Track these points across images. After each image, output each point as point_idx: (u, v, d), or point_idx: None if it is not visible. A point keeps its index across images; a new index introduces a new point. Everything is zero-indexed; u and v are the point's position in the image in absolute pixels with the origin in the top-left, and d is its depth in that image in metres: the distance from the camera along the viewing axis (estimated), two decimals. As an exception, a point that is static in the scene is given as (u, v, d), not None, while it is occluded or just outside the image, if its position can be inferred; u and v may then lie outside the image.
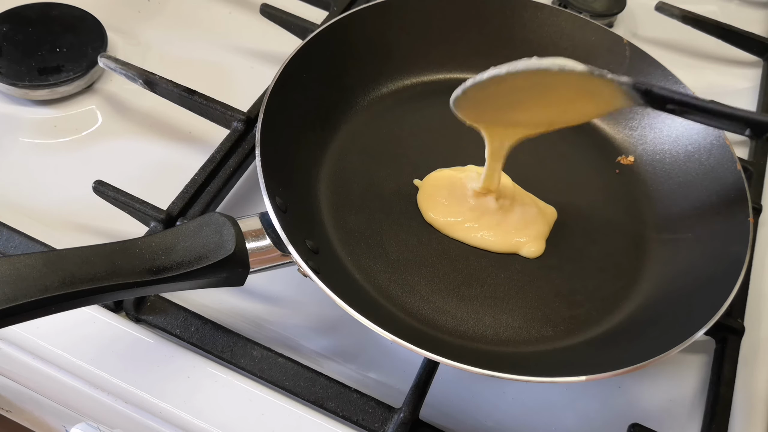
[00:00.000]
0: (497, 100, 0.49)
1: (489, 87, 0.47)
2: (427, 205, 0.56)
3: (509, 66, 0.46)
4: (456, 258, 0.54)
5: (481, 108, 0.49)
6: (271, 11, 0.69)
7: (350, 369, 0.52)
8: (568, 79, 0.45)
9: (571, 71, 0.45)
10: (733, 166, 0.55)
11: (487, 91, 0.47)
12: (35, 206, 0.57)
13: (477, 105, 0.49)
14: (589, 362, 0.47)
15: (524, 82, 0.47)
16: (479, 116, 0.50)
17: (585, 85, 0.46)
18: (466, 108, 0.49)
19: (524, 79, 0.46)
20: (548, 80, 0.46)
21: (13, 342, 0.50)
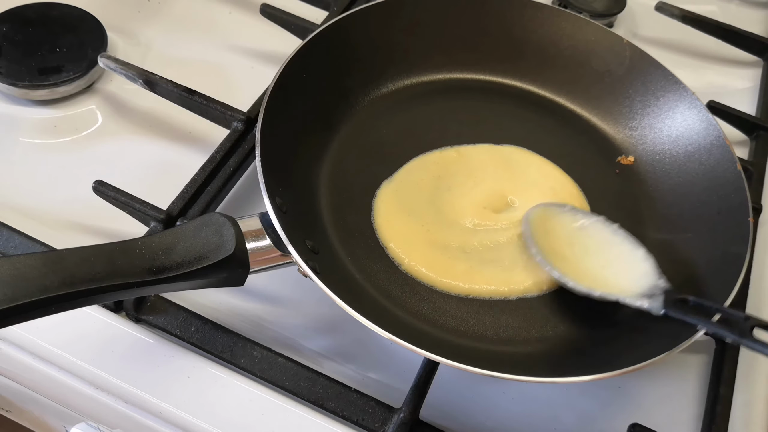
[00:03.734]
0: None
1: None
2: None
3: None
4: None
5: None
6: (271, 11, 0.69)
7: (350, 369, 0.52)
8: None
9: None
10: (733, 166, 0.55)
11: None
12: (35, 206, 0.57)
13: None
14: (589, 362, 0.47)
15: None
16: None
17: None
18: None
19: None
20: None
21: (13, 342, 0.50)
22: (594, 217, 0.53)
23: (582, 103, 0.64)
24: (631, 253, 0.50)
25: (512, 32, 0.65)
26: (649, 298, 0.47)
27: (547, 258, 0.51)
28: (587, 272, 0.50)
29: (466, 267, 0.52)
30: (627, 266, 0.49)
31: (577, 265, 0.50)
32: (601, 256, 0.51)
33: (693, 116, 0.59)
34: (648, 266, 0.49)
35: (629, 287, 0.48)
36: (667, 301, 0.46)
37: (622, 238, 0.51)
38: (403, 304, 0.51)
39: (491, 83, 0.65)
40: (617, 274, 0.49)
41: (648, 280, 0.48)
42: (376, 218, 0.54)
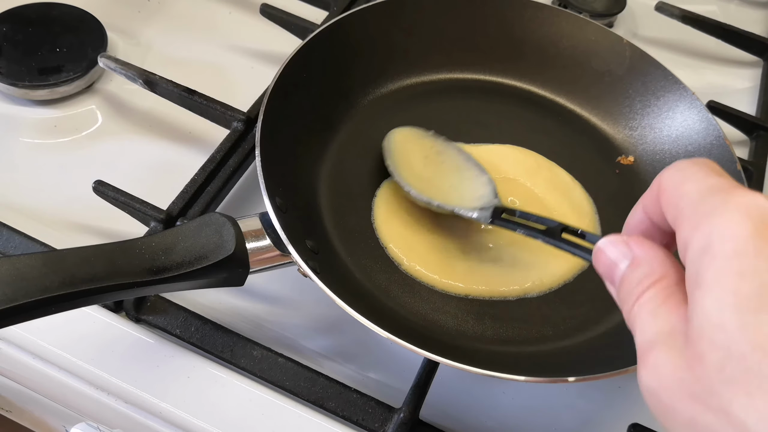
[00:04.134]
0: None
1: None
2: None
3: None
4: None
5: None
6: (271, 11, 0.69)
7: (350, 369, 0.52)
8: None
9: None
10: (733, 167, 0.55)
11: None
12: (35, 206, 0.57)
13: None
14: (589, 362, 0.47)
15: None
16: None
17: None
18: None
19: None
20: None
21: (13, 342, 0.50)
22: (451, 145, 0.57)
23: (582, 103, 0.64)
24: (477, 177, 0.54)
25: (512, 32, 0.65)
26: (480, 210, 0.50)
27: (398, 170, 0.55)
28: (434, 189, 0.54)
29: (466, 267, 0.53)
30: (470, 187, 0.53)
31: (427, 182, 0.55)
32: (451, 178, 0.55)
33: (693, 116, 0.59)
34: (488, 189, 0.53)
35: (467, 203, 0.52)
36: (495, 213, 0.49)
37: (472, 165, 0.55)
38: (403, 304, 0.51)
39: (491, 83, 0.65)
40: (460, 192, 0.53)
41: (485, 199, 0.52)
42: (376, 218, 0.54)
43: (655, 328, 0.28)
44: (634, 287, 0.30)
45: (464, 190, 0.53)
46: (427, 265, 0.52)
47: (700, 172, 0.29)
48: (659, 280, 0.29)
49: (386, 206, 0.55)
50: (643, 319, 0.29)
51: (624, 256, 0.31)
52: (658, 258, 0.30)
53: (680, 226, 0.28)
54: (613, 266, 0.31)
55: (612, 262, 0.31)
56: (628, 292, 0.30)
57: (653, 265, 0.29)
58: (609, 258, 0.32)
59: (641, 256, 0.30)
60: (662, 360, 0.27)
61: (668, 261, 0.30)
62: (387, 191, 0.56)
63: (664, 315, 0.28)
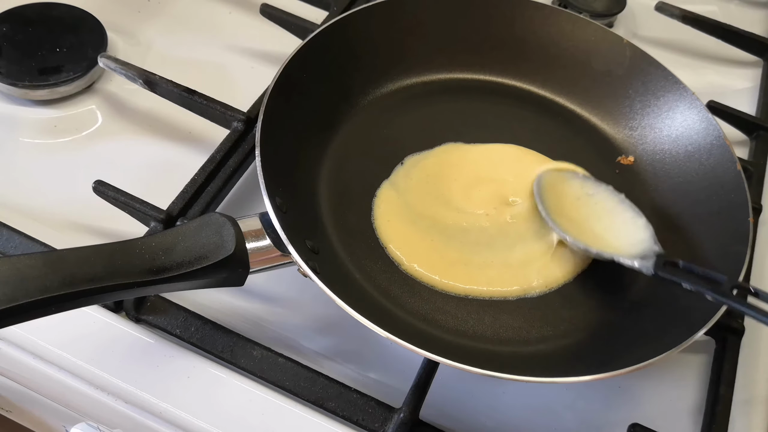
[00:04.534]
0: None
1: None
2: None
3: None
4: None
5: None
6: (271, 11, 0.69)
7: (350, 369, 0.52)
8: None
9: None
10: (733, 166, 0.55)
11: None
12: (35, 206, 0.57)
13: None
14: (589, 362, 0.47)
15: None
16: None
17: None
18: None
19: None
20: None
21: (13, 342, 0.50)
22: (602, 186, 0.56)
23: (582, 103, 0.64)
24: (633, 220, 0.53)
25: (512, 32, 0.65)
26: (642, 259, 0.49)
27: (552, 216, 0.53)
28: (588, 233, 0.53)
29: (466, 267, 0.53)
30: (627, 232, 0.52)
31: (580, 226, 0.53)
32: (605, 221, 0.54)
33: (693, 116, 0.59)
34: (647, 234, 0.52)
35: (625, 249, 0.51)
36: (658, 263, 0.48)
37: (627, 207, 0.54)
38: (403, 304, 0.51)
39: (491, 83, 0.65)
40: (617, 238, 0.52)
41: (644, 245, 0.51)
42: (376, 218, 0.54)
43: None
44: None
45: (620, 234, 0.52)
46: (427, 266, 0.52)
47: None
48: None
49: (386, 206, 0.55)
50: None
51: None
52: None
53: None
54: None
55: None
56: None
57: None
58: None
59: None
60: None
61: None
62: (387, 191, 0.56)
63: None
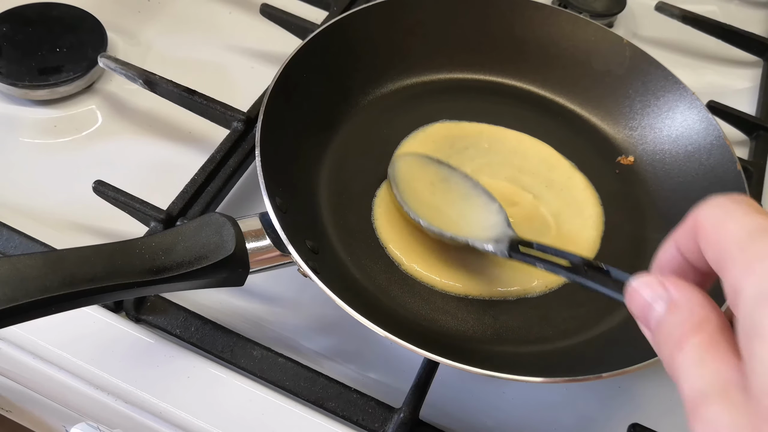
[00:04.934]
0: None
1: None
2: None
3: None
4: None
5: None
6: (271, 11, 0.69)
7: (350, 369, 0.52)
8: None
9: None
10: (733, 166, 0.55)
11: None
12: (35, 206, 0.57)
13: None
14: (589, 362, 0.47)
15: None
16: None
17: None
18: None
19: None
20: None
21: (13, 342, 0.50)
22: (457, 171, 0.56)
23: (582, 103, 0.64)
24: (486, 205, 0.53)
25: (512, 32, 0.65)
26: (496, 243, 0.49)
27: (405, 199, 0.53)
28: (443, 218, 0.52)
29: (466, 267, 0.52)
30: (481, 216, 0.52)
31: (435, 211, 0.53)
32: (459, 206, 0.54)
33: (693, 116, 0.59)
34: (500, 218, 0.51)
35: (480, 233, 0.51)
36: (512, 246, 0.48)
37: (480, 192, 0.54)
38: (403, 304, 0.51)
39: (491, 83, 0.65)
40: (471, 222, 0.52)
41: (498, 229, 0.50)
42: (376, 218, 0.54)
43: (704, 379, 0.26)
44: (673, 332, 0.28)
45: (474, 218, 0.52)
46: (426, 266, 0.52)
47: (741, 209, 0.27)
48: (701, 325, 0.27)
49: (386, 206, 0.55)
50: (688, 369, 0.27)
51: (660, 298, 0.29)
52: (698, 301, 0.28)
53: (728, 270, 0.26)
54: (648, 308, 0.29)
55: (647, 304, 0.29)
56: (667, 338, 0.28)
57: (693, 309, 0.28)
58: (644, 299, 0.30)
59: (679, 298, 0.28)
60: (719, 415, 0.25)
61: (708, 305, 0.28)
62: (387, 191, 0.56)
63: (711, 365, 0.26)
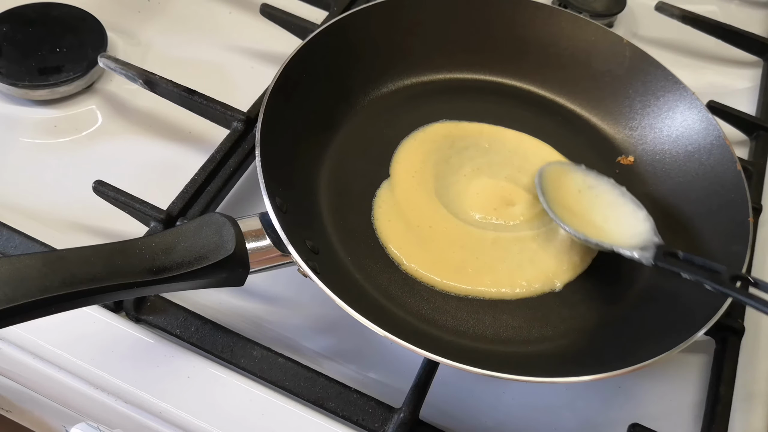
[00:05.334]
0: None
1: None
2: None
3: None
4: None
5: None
6: (271, 11, 0.69)
7: (350, 369, 0.52)
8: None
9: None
10: (733, 166, 0.55)
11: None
12: (35, 206, 0.57)
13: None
14: (589, 362, 0.47)
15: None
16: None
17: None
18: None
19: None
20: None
21: (13, 342, 0.50)
22: (604, 179, 0.56)
23: (582, 103, 0.64)
24: (633, 213, 0.53)
25: (512, 32, 0.65)
26: (642, 250, 0.49)
27: (552, 207, 0.54)
28: (589, 225, 0.53)
29: (466, 268, 0.52)
30: (627, 223, 0.53)
31: (581, 217, 0.54)
32: (605, 213, 0.54)
33: (693, 116, 0.59)
34: (647, 226, 0.52)
35: (626, 240, 0.51)
36: (658, 254, 0.48)
37: (627, 200, 0.54)
38: (403, 304, 0.51)
39: (491, 83, 0.65)
40: (616, 229, 0.53)
41: (644, 236, 0.51)
42: (376, 218, 0.54)
43: None
44: None
45: (621, 226, 0.53)
46: (426, 267, 0.52)
47: None
48: None
49: (386, 206, 0.55)
50: None
51: None
52: None
53: None
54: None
55: None
56: None
57: None
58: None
59: None
60: None
61: None
62: (387, 191, 0.56)
63: None
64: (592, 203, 0.55)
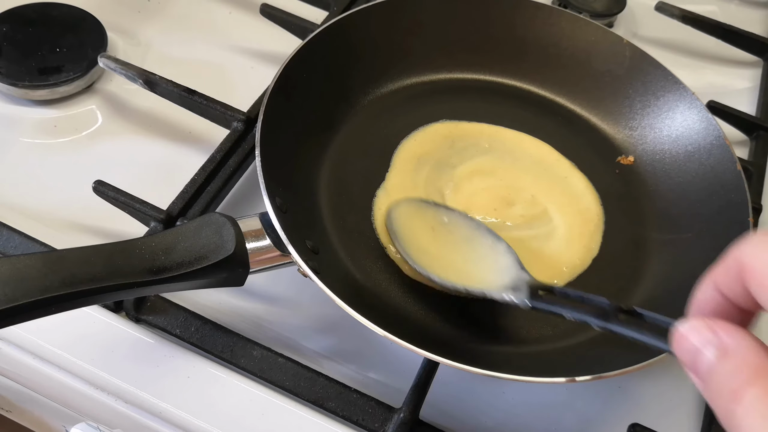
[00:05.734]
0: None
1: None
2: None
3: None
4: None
5: None
6: (271, 11, 0.69)
7: (350, 369, 0.52)
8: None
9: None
10: (733, 166, 0.55)
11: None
12: (35, 206, 0.57)
13: None
14: (589, 362, 0.47)
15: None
16: None
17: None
18: None
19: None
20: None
21: (13, 342, 0.50)
22: (455, 213, 0.53)
23: (582, 103, 0.64)
24: (493, 246, 0.49)
25: (512, 32, 0.65)
26: (514, 291, 0.45)
27: (410, 253, 0.50)
28: (451, 267, 0.49)
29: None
30: (489, 260, 0.49)
31: (441, 260, 0.49)
32: (464, 250, 0.50)
33: (693, 116, 0.59)
34: (510, 259, 0.48)
35: (493, 280, 0.47)
36: (533, 293, 0.44)
37: (484, 231, 0.51)
38: (403, 303, 0.51)
39: (491, 83, 0.65)
40: (481, 268, 0.48)
41: (511, 272, 0.47)
42: (376, 218, 0.54)
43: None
44: (728, 382, 0.26)
45: (484, 262, 0.49)
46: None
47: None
48: (758, 374, 0.26)
49: (386, 206, 0.55)
50: (752, 424, 0.25)
51: (710, 344, 0.27)
52: (751, 347, 0.26)
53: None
54: (697, 354, 0.28)
55: (696, 349, 0.28)
56: (720, 387, 0.26)
57: (746, 357, 0.26)
58: (693, 345, 0.28)
59: (731, 345, 0.27)
60: None
61: (762, 351, 0.26)
62: (387, 191, 0.56)
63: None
64: (449, 240, 0.51)
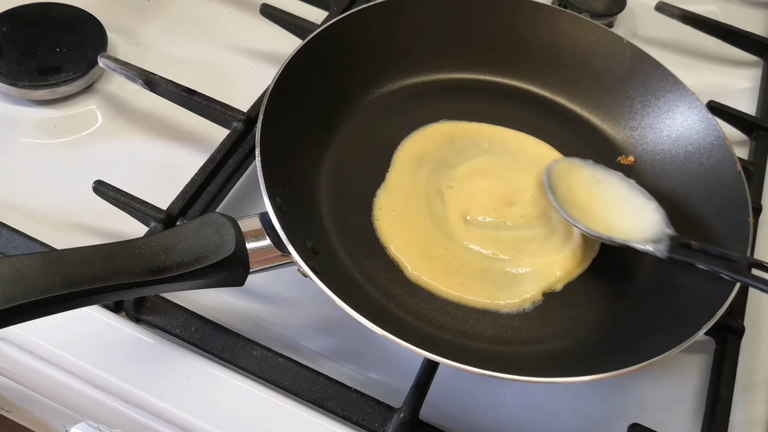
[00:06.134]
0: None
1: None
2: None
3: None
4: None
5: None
6: (271, 11, 0.69)
7: (350, 369, 0.52)
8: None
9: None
10: (733, 166, 0.55)
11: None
12: (35, 206, 0.57)
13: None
14: (589, 362, 0.47)
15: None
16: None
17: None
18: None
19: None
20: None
21: (13, 342, 0.50)
22: (612, 172, 0.56)
23: (582, 103, 0.64)
24: (644, 205, 0.53)
25: (512, 32, 0.65)
26: (655, 243, 0.49)
27: (562, 205, 0.54)
28: (600, 220, 0.53)
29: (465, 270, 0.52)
30: (638, 216, 0.53)
31: (591, 213, 0.54)
32: (616, 207, 0.54)
33: (693, 116, 0.59)
34: (658, 217, 0.52)
35: (638, 234, 0.51)
36: (672, 246, 0.48)
37: (637, 192, 0.54)
38: (403, 304, 0.51)
39: (491, 83, 0.65)
40: (628, 223, 0.53)
41: (656, 228, 0.51)
42: (376, 218, 0.54)
43: None
44: None
45: (632, 219, 0.53)
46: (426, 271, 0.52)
47: None
48: None
49: (386, 206, 0.55)
50: None
51: None
52: None
53: None
54: None
55: None
56: None
57: None
58: None
59: None
60: None
61: None
62: (387, 191, 0.56)
63: None
64: (602, 198, 0.55)
